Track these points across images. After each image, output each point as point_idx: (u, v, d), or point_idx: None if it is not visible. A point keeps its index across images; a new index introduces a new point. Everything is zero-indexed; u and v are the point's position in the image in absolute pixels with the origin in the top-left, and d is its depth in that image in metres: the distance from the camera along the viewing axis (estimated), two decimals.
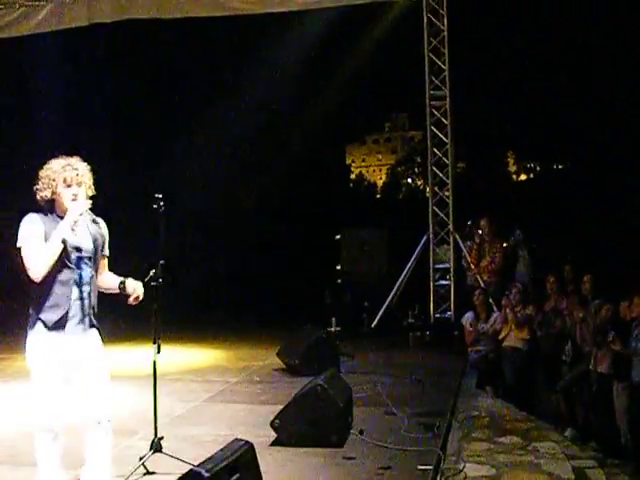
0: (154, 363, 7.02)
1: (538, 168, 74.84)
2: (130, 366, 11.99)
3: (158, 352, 6.99)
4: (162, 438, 7.00)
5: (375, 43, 19.71)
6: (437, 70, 16.33)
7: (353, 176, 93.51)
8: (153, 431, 6.98)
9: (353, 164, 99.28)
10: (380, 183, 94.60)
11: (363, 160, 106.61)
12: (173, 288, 7.62)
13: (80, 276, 5.76)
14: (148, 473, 6.74)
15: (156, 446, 6.88)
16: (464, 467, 7.39)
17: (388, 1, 16.13)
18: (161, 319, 6.93)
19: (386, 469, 6.99)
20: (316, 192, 42.03)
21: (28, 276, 5.61)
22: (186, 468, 5.49)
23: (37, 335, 5.65)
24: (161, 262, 7.01)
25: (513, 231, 15.74)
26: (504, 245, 15.51)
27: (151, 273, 6.92)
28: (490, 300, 14.08)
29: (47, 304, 5.65)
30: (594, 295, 11.39)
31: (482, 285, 15.08)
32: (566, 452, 8.17)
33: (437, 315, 16.24)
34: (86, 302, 5.78)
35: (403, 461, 7.22)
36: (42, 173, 5.82)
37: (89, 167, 5.96)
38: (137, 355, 12.90)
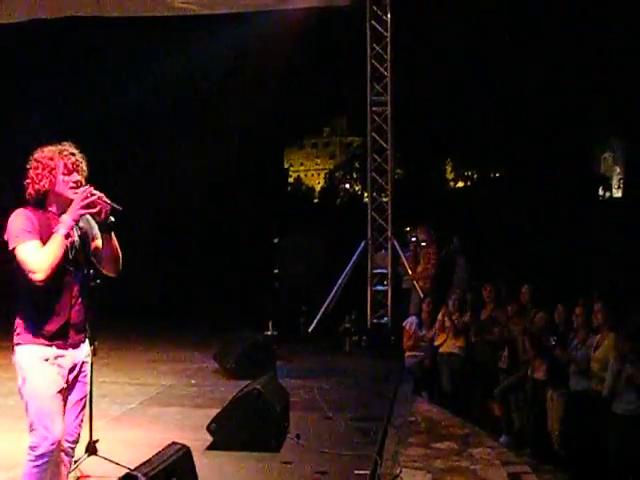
0: (90, 365, 6.92)
1: (475, 176, 75.38)
2: None
3: (94, 354, 6.90)
4: (97, 441, 6.93)
5: (316, 47, 19.75)
6: (379, 76, 16.37)
7: (291, 180, 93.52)
8: (88, 434, 6.90)
9: (291, 168, 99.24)
10: (318, 188, 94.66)
11: (301, 164, 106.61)
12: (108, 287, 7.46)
13: (78, 280, 5.22)
14: (83, 477, 6.66)
15: (91, 449, 6.80)
16: (400, 472, 7.42)
17: (332, 6, 16.14)
18: (97, 320, 6.85)
19: (323, 474, 6.99)
20: (254, 195, 41.91)
21: (25, 280, 4.94)
22: (122, 471, 5.45)
23: (33, 347, 5.04)
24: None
25: (451, 238, 15.85)
26: (441, 252, 15.58)
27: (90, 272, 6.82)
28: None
29: (45, 312, 5.07)
30: (532, 304, 11.49)
31: (419, 291, 15.15)
32: (501, 458, 8.25)
33: (374, 320, 16.28)
34: (83, 309, 5.27)
35: (339, 466, 7.23)
36: (36, 162, 5.14)
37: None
38: None
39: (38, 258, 4.88)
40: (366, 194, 17.91)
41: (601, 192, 62.84)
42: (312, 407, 9.62)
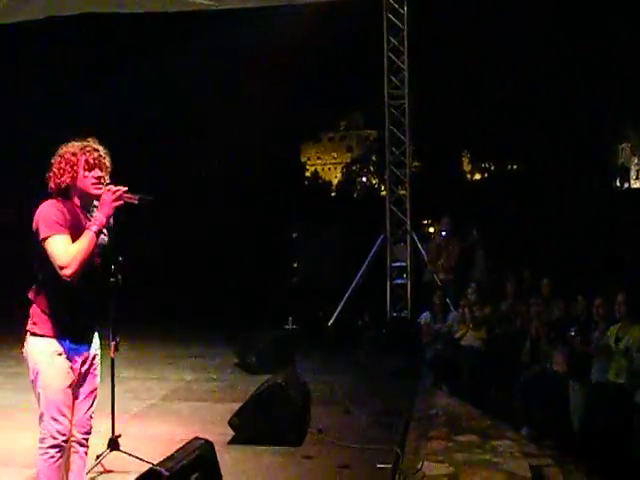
0: (112, 361, 6.96)
1: (492, 168, 75.18)
2: None
3: (116, 350, 6.93)
4: (119, 436, 6.94)
5: (332, 41, 19.72)
6: (396, 69, 16.34)
7: (308, 174, 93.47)
8: (110, 429, 6.92)
9: (308, 162, 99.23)
10: (335, 181, 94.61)
11: (318, 158, 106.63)
12: (127, 285, 7.48)
13: (98, 276, 5.26)
14: (106, 471, 6.68)
15: (114, 444, 6.82)
16: (422, 466, 7.39)
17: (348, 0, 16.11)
18: (118, 316, 6.88)
19: (344, 468, 6.99)
20: (273, 190, 41.94)
21: (52, 271, 4.94)
22: (145, 467, 5.45)
23: (49, 340, 5.07)
24: (119, 258, 6.91)
25: (470, 230, 15.82)
26: (463, 244, 15.56)
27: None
28: (447, 300, 14.13)
29: (67, 306, 5.08)
30: (552, 296, 11.45)
31: (439, 283, 15.14)
32: (523, 450, 8.22)
33: (394, 314, 16.25)
34: (98, 305, 5.32)
35: (361, 460, 7.23)
36: (59, 157, 5.19)
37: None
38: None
39: (69, 253, 4.90)
40: (383, 187, 17.89)
41: (619, 183, 62.63)
42: (333, 401, 9.64)
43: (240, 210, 34.48)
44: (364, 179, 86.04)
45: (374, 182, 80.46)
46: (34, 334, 5.09)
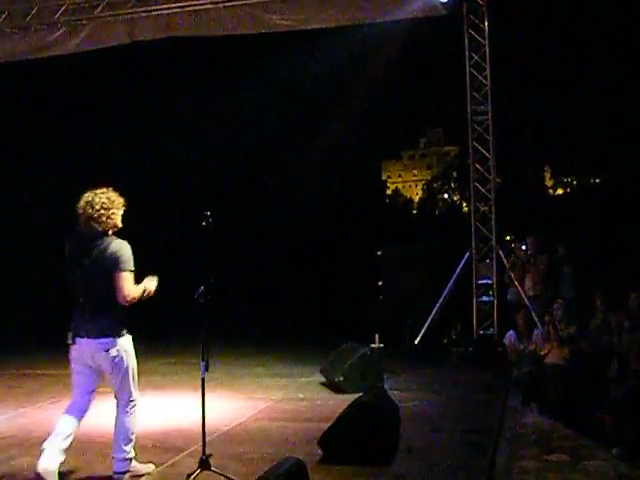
0: (202, 380, 7.02)
1: (575, 182, 74.37)
2: (173, 383, 12.07)
3: (206, 369, 7.00)
4: (210, 455, 6.99)
5: (412, 58, 19.69)
6: (479, 85, 16.29)
7: (389, 192, 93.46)
8: (201, 448, 6.98)
9: (389, 180, 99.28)
10: (416, 199, 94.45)
11: (399, 176, 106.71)
12: (218, 304, 7.64)
13: None
14: None
15: (204, 464, 6.87)
16: None
17: (429, 16, 16.06)
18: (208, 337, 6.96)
19: None
20: (354, 208, 41.97)
21: (118, 297, 6.75)
22: None
23: (126, 338, 6.92)
24: (210, 279, 7.04)
25: (556, 247, 15.66)
26: (548, 261, 15.42)
27: (200, 290, 6.94)
28: (535, 317, 14.01)
29: (126, 317, 6.92)
30: None
31: (525, 302, 15.02)
32: (616, 471, 8.08)
33: (480, 331, 16.15)
34: None
35: (452, 479, 7.17)
36: (112, 198, 7.02)
37: None
38: (180, 372, 13.01)
39: (135, 292, 6.83)
40: (465, 204, 17.82)
41: None
42: (421, 420, 9.58)
43: (324, 228, 34.58)
44: (445, 196, 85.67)
45: (455, 199, 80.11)
46: (123, 335, 6.91)
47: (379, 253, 17.62)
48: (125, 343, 6.88)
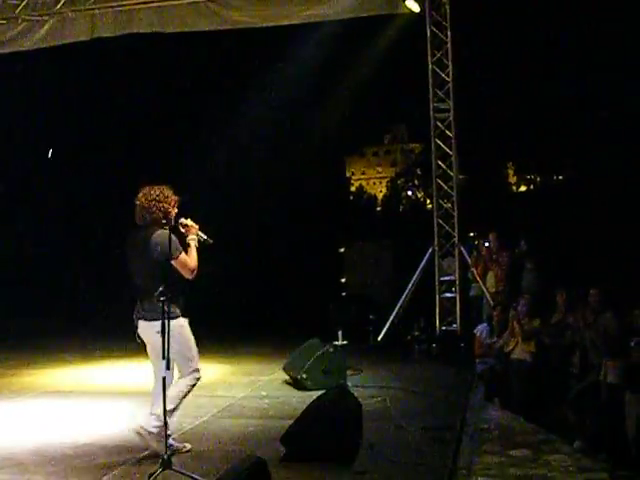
0: (163, 379, 6.98)
1: (538, 179, 74.64)
2: (134, 381, 12.01)
3: (167, 368, 6.96)
4: (172, 454, 6.95)
5: (374, 55, 19.68)
6: (441, 82, 16.33)
7: (353, 189, 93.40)
8: (163, 448, 6.94)
9: (353, 177, 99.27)
10: (380, 196, 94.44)
11: (363, 173, 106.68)
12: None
13: None
14: None
15: (166, 463, 6.82)
16: None
17: (391, 14, 16.08)
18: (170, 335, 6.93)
19: None
20: (317, 205, 41.94)
21: (177, 277, 7.44)
22: None
23: (184, 319, 7.67)
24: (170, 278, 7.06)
25: (518, 243, 15.74)
26: (510, 256, 15.50)
27: (160, 288, 6.91)
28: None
29: (176, 301, 7.48)
30: (602, 307, 11.33)
31: (488, 297, 15.10)
32: (577, 464, 8.13)
33: (443, 327, 16.20)
34: None
35: (414, 476, 7.18)
36: (166, 193, 7.70)
37: None
38: (141, 370, 12.93)
39: (193, 263, 7.56)
40: (429, 201, 17.90)
41: None
42: (384, 416, 9.57)
43: (286, 225, 34.52)
44: (409, 193, 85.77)
45: (419, 196, 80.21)
46: (178, 317, 7.52)
47: (342, 250, 17.65)
48: (175, 324, 7.29)
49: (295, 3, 15.87)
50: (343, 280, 17.23)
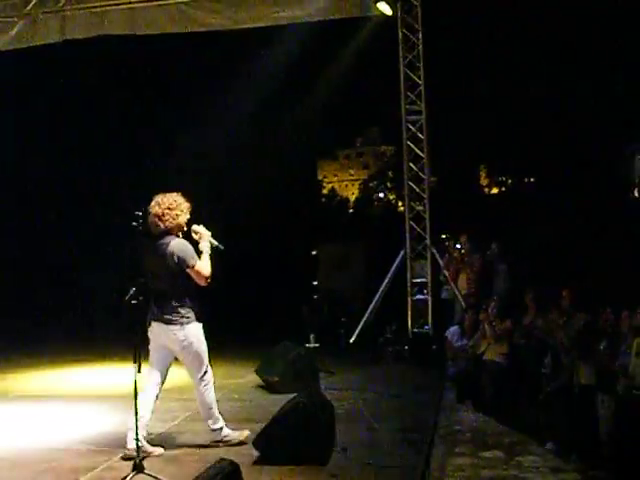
0: (135, 383, 6.95)
1: (509, 181, 74.91)
2: (107, 385, 11.94)
3: (139, 371, 6.93)
4: (144, 458, 6.92)
5: (346, 58, 19.67)
6: (412, 85, 16.35)
7: (325, 191, 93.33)
8: (135, 452, 6.91)
9: (325, 179, 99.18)
10: (352, 198, 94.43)
11: (335, 175, 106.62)
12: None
13: None
14: None
15: (138, 467, 6.79)
16: None
17: (362, 16, 16.09)
18: (141, 337, 6.90)
19: None
20: (289, 208, 41.93)
21: (190, 284, 7.78)
22: None
23: (198, 323, 7.98)
24: (141, 280, 7.01)
25: (489, 245, 15.78)
26: (482, 259, 15.55)
27: (131, 291, 6.87)
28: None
29: (191, 306, 7.93)
30: (573, 308, 11.40)
31: (460, 300, 15.14)
32: (549, 465, 8.16)
33: (415, 330, 16.20)
34: None
35: (387, 478, 7.18)
36: (178, 200, 7.88)
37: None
38: (114, 374, 12.85)
39: (206, 270, 7.79)
40: (401, 203, 17.91)
41: (637, 194, 62.22)
42: (357, 419, 9.57)
43: (258, 228, 34.47)
44: (381, 195, 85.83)
45: (391, 198, 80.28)
46: (190, 322, 7.92)
47: (314, 253, 17.62)
48: (192, 329, 7.87)
49: (267, 5, 15.86)
50: (315, 282, 17.20)
